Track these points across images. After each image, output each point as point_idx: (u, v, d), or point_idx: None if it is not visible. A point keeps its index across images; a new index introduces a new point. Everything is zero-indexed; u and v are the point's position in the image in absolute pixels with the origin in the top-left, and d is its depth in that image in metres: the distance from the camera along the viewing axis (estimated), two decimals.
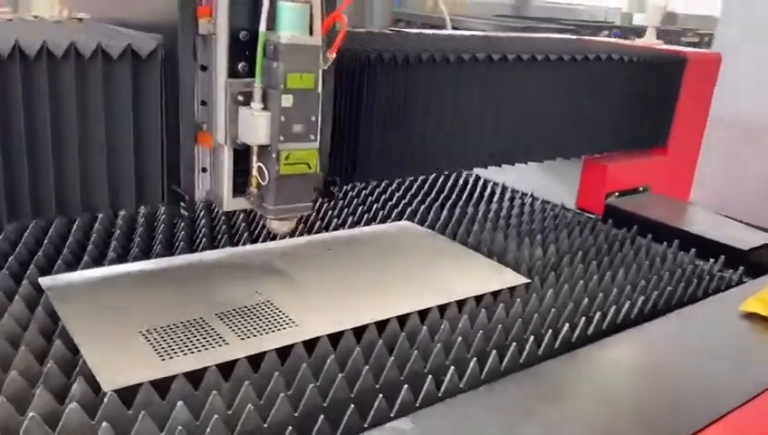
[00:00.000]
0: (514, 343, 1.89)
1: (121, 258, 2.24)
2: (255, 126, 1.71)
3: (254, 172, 1.78)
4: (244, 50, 1.75)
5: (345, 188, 3.15)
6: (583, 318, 2.10)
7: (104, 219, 2.47)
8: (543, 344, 1.95)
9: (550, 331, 2.00)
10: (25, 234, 2.28)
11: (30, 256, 2.16)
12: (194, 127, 1.79)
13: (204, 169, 1.88)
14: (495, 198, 3.27)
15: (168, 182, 1.85)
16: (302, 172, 1.77)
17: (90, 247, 2.26)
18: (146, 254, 2.31)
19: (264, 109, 1.72)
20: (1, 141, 1.63)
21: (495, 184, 3.44)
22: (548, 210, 3.15)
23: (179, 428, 1.41)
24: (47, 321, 1.80)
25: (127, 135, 1.78)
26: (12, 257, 2.11)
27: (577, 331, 2.06)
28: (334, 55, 1.82)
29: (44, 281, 1.96)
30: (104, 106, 1.73)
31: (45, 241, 2.26)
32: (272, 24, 1.69)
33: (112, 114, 1.75)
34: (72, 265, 2.16)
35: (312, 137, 1.77)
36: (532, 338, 1.94)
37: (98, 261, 2.20)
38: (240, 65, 1.75)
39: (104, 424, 1.38)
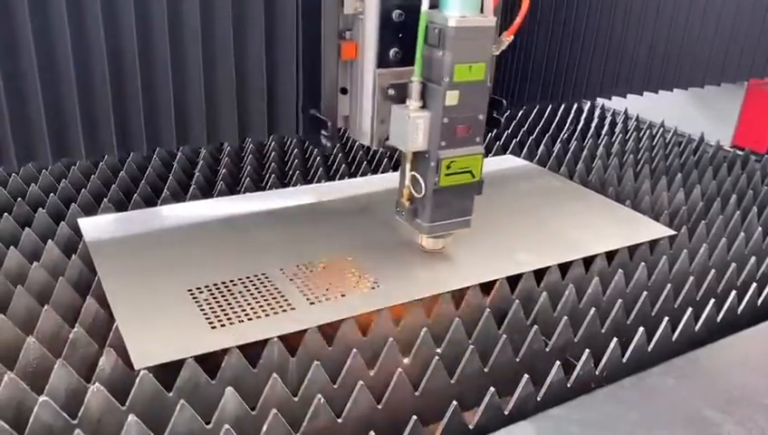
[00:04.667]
0: (666, 317, 1.43)
1: (177, 198, 1.92)
2: (412, 129, 1.35)
3: (408, 183, 1.45)
4: (397, 33, 1.37)
5: None
6: (754, 284, 1.60)
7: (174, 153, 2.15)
8: (703, 317, 1.48)
9: (711, 300, 1.52)
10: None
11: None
12: (336, 35, 1.40)
13: (344, 91, 1.48)
14: (618, 129, 2.72)
15: (305, 106, 1.51)
16: (465, 182, 1.43)
17: (141, 185, 1.95)
18: (206, 193, 1.97)
19: (423, 108, 1.36)
20: (113, 68, 1.36)
21: (616, 112, 2.88)
22: (684, 144, 2.58)
23: (226, 426, 1.06)
24: (84, 271, 1.49)
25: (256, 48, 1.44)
26: (54, 194, 1.83)
27: (745, 299, 1.57)
28: (511, 38, 1.42)
29: (84, 223, 1.65)
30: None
31: (92, 178, 1.97)
32: (436, 1, 1.31)
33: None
34: (121, 206, 1.86)
35: (479, 139, 1.41)
36: (689, 310, 1.47)
37: (150, 202, 1.89)
38: (392, 52, 1.38)
39: (131, 417, 1.05)
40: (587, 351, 1.30)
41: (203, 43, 1.40)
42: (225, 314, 1.33)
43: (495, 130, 2.36)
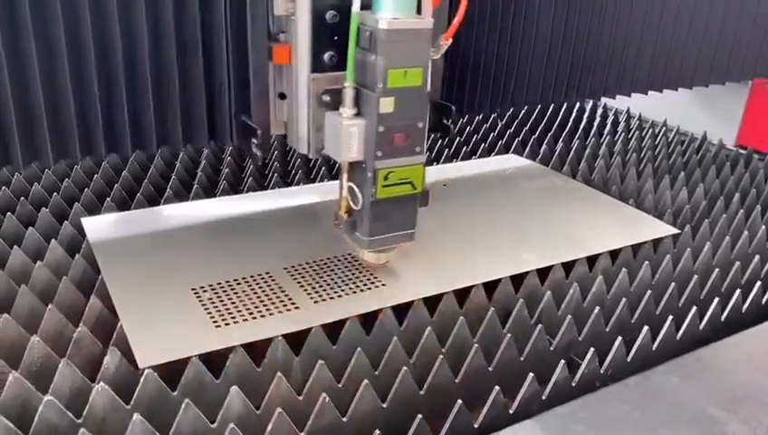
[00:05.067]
0: (670, 316, 1.43)
1: (180, 197, 1.91)
2: (345, 138, 1.26)
3: (345, 194, 1.36)
4: (332, 35, 1.29)
5: None
6: (758, 282, 1.60)
7: (167, 155, 2.15)
8: (707, 316, 1.48)
9: (715, 299, 1.51)
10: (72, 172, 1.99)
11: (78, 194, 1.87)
12: (267, 37, 1.33)
13: (282, 96, 1.40)
14: (620, 128, 2.72)
15: (236, 112, 1.44)
16: (405, 193, 1.33)
17: (144, 184, 1.95)
18: (209, 193, 1.97)
19: (358, 115, 1.27)
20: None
21: (619, 111, 2.88)
22: (687, 143, 2.57)
23: (231, 425, 1.05)
24: (87, 271, 1.49)
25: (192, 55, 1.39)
26: (57, 194, 1.83)
27: (750, 297, 1.56)
28: (449, 42, 1.33)
29: (87, 222, 1.65)
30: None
31: (95, 178, 1.97)
32: (368, 1, 1.23)
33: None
34: (124, 205, 1.86)
35: (419, 149, 1.31)
36: (693, 308, 1.46)
37: (153, 201, 1.89)
38: (327, 55, 1.30)
39: (135, 416, 1.05)
40: (591, 349, 1.30)
41: (148, 45, 1.35)
42: (230, 313, 1.33)
43: (446, 138, 2.33)
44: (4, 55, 1.25)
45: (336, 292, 1.42)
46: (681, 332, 1.43)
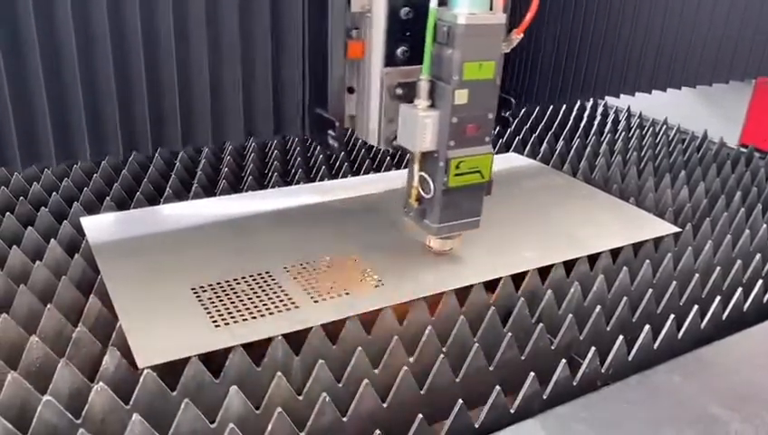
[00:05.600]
0: (671, 315, 1.42)
1: (179, 196, 1.91)
2: (420, 129, 1.33)
3: (416, 183, 1.42)
4: (405, 31, 1.35)
5: None
6: (759, 281, 1.59)
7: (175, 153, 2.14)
8: (709, 315, 1.48)
9: (717, 297, 1.51)
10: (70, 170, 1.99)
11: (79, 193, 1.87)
12: (344, 33, 1.38)
13: (350, 90, 1.45)
14: (621, 127, 2.71)
15: (310, 105, 1.48)
16: (474, 182, 1.40)
17: (144, 183, 1.94)
18: (209, 192, 1.97)
19: (432, 107, 1.33)
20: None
21: (619, 110, 2.87)
22: (688, 141, 2.57)
23: (230, 426, 1.05)
24: (86, 270, 1.49)
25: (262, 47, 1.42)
26: (57, 193, 1.83)
27: (751, 296, 1.56)
28: (521, 36, 1.38)
29: (86, 222, 1.65)
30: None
31: (94, 178, 1.96)
32: None
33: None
34: (123, 204, 1.85)
35: (488, 139, 1.39)
36: (695, 307, 1.46)
37: (152, 200, 1.88)
38: (400, 50, 1.35)
39: (134, 417, 1.05)
40: (593, 349, 1.29)
41: (208, 41, 1.38)
42: (229, 313, 1.32)
43: (498, 128, 2.36)
44: (40, 53, 1.25)
45: (336, 291, 1.41)
46: (682, 331, 1.43)
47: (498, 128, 2.02)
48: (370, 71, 1.38)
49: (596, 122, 2.75)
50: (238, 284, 1.42)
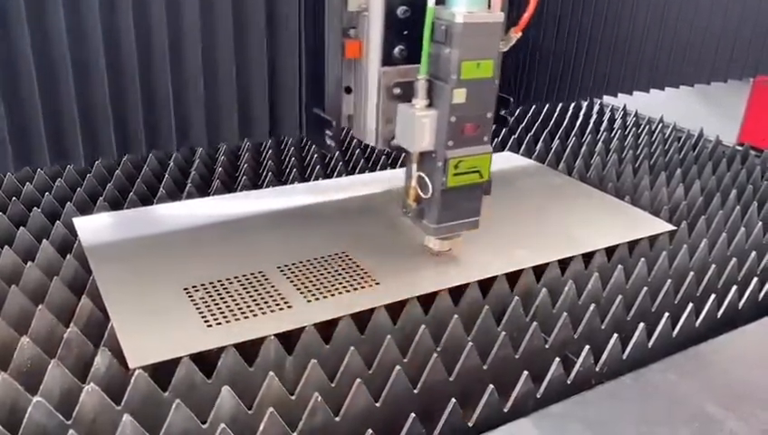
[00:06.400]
0: (666, 313, 1.42)
1: (173, 197, 1.90)
2: (419, 128, 1.31)
3: (414, 183, 1.40)
4: (403, 30, 1.34)
5: None
6: (755, 279, 1.59)
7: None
8: (704, 313, 1.47)
9: (712, 296, 1.50)
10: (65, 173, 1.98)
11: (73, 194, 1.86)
12: (341, 33, 1.37)
13: (348, 90, 1.44)
14: (616, 125, 2.71)
15: (307, 105, 1.47)
16: (473, 182, 1.39)
17: (137, 183, 1.93)
18: (203, 192, 1.96)
19: (430, 106, 1.32)
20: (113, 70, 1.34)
21: (615, 108, 2.87)
22: (683, 139, 2.56)
23: (222, 426, 1.04)
24: (79, 271, 1.48)
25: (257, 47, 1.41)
26: (50, 193, 1.82)
27: (746, 294, 1.55)
28: (519, 34, 1.37)
29: (79, 222, 1.64)
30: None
31: (86, 180, 1.95)
32: None
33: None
34: (117, 205, 1.84)
35: (486, 138, 1.37)
36: (690, 305, 1.45)
37: (146, 201, 1.87)
38: (398, 49, 1.34)
39: (125, 417, 1.04)
40: (587, 347, 1.29)
41: (203, 42, 1.37)
42: (222, 313, 1.32)
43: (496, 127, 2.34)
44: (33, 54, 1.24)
45: (329, 291, 1.41)
46: (677, 329, 1.43)
47: (496, 127, 2.00)
48: (368, 70, 1.37)
49: (592, 121, 2.75)
50: (231, 283, 1.42)
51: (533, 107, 2.75)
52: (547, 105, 2.78)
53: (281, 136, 2.22)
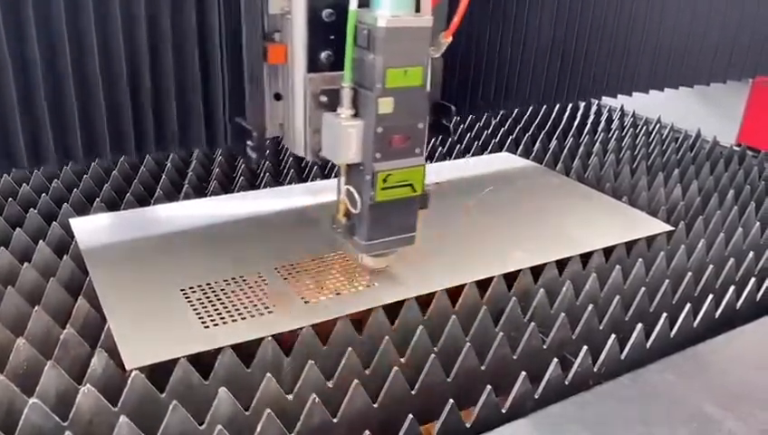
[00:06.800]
0: (664, 313, 1.42)
1: (170, 197, 1.90)
2: (344, 139, 1.23)
3: (342, 197, 1.33)
4: (329, 34, 1.26)
5: None
6: (752, 279, 1.59)
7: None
8: (702, 313, 1.47)
9: (710, 296, 1.50)
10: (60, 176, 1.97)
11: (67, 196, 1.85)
12: (261, 37, 1.30)
13: (278, 97, 1.37)
14: (614, 126, 2.71)
15: (231, 114, 1.41)
16: (405, 196, 1.30)
17: (134, 184, 1.93)
18: (200, 193, 1.96)
19: (356, 116, 1.24)
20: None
21: (612, 109, 2.87)
22: (681, 140, 2.57)
23: (219, 427, 1.04)
24: (75, 272, 1.48)
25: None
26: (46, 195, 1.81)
27: (744, 294, 1.55)
28: (450, 39, 1.29)
29: (75, 223, 1.63)
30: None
31: (82, 181, 1.95)
32: None
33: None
34: (113, 205, 1.84)
35: (419, 150, 1.28)
36: (688, 306, 1.45)
37: (143, 201, 1.87)
38: (324, 55, 1.26)
39: (122, 418, 1.03)
40: (585, 348, 1.29)
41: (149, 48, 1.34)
42: (219, 314, 1.31)
43: (446, 138, 2.29)
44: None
45: (327, 292, 1.40)
46: (675, 329, 1.42)
47: (442, 136, 1.96)
48: (294, 77, 1.29)
49: (589, 121, 2.75)
50: (228, 284, 1.41)
51: (531, 108, 2.75)
52: (545, 106, 2.78)
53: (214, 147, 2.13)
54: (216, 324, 1.28)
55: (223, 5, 1.35)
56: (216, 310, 1.32)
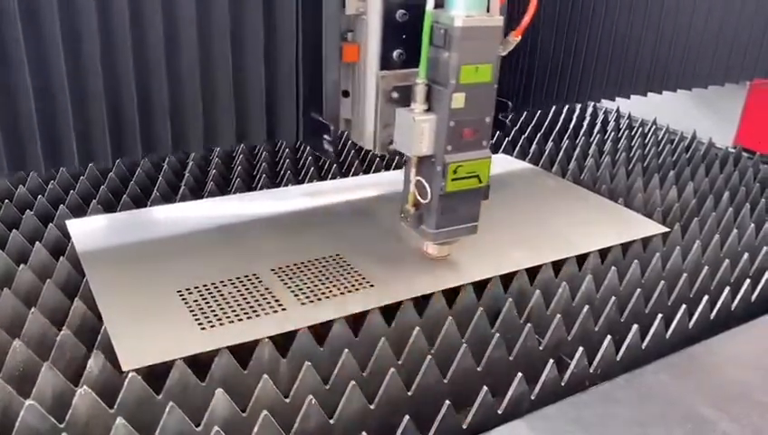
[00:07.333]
0: (659, 314, 1.42)
1: (167, 199, 1.90)
2: (417, 133, 1.31)
3: (413, 188, 1.40)
4: (401, 34, 1.33)
5: None
6: (747, 280, 1.59)
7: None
8: (696, 315, 1.48)
9: (705, 297, 1.51)
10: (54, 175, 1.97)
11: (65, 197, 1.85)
12: (339, 36, 1.35)
13: (345, 93, 1.43)
14: (610, 127, 2.72)
15: (305, 109, 1.45)
16: (471, 187, 1.38)
17: (131, 186, 1.93)
18: (196, 195, 1.96)
19: (429, 111, 1.32)
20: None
21: (608, 111, 2.88)
22: (676, 142, 2.58)
23: (216, 428, 1.04)
24: (72, 273, 1.47)
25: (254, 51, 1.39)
26: (43, 196, 1.81)
27: (739, 295, 1.56)
28: (519, 38, 1.36)
29: (72, 224, 1.63)
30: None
31: (79, 183, 1.95)
32: (441, 0, 1.27)
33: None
34: (110, 207, 1.84)
35: (485, 143, 1.37)
36: (683, 307, 1.46)
37: (139, 203, 1.87)
38: (396, 53, 1.34)
39: (119, 420, 1.04)
40: (581, 349, 1.29)
41: (199, 46, 1.35)
42: (215, 315, 1.31)
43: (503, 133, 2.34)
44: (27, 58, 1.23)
45: (324, 293, 1.41)
46: (671, 330, 1.43)
47: (494, 131, 1.99)
48: (366, 74, 1.36)
49: (585, 123, 2.76)
50: (225, 286, 1.41)
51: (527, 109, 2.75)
52: (542, 108, 2.78)
53: (278, 141, 2.20)
54: (212, 326, 1.28)
55: (302, 6, 1.38)
56: (212, 311, 1.32)
